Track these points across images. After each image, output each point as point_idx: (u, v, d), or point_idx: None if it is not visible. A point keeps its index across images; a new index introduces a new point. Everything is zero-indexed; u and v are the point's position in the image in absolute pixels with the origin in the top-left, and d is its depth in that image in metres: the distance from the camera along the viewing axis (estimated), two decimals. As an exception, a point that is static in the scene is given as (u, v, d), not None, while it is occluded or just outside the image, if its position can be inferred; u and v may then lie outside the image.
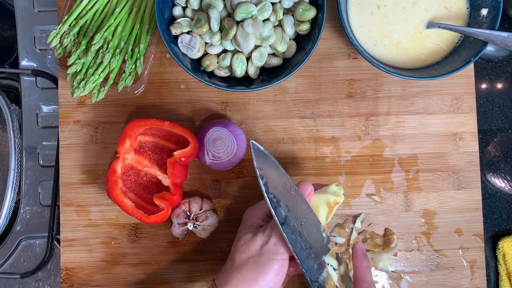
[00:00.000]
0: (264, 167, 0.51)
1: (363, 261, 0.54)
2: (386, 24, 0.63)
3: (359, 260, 0.54)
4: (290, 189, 0.52)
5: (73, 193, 0.65)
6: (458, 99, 0.67)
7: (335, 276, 0.51)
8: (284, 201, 0.51)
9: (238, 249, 0.52)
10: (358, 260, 0.54)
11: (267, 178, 0.50)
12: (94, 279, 0.64)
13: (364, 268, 0.53)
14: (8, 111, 0.70)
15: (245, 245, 0.52)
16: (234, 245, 0.54)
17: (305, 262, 0.50)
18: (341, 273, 0.52)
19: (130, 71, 0.62)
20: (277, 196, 0.50)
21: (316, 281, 0.51)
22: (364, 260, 0.54)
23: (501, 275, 0.68)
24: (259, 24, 0.58)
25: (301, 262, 0.50)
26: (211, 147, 0.61)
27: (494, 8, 0.60)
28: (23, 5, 0.76)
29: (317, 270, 0.51)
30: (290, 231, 0.50)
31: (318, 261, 0.51)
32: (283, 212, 0.50)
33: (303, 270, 0.50)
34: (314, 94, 0.66)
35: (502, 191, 0.71)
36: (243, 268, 0.51)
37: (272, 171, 0.51)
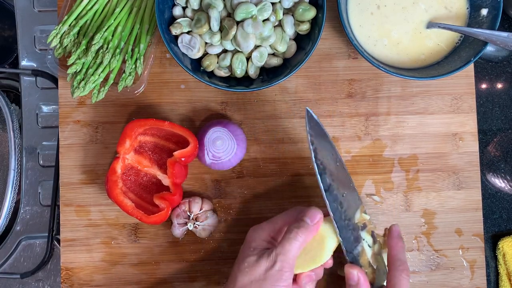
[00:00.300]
0: (315, 134, 0.52)
1: (399, 241, 0.54)
2: (386, 24, 0.63)
3: (394, 240, 0.54)
4: (336, 160, 0.53)
5: (73, 193, 0.65)
6: (458, 99, 0.67)
7: (370, 252, 0.53)
8: (329, 170, 0.52)
9: (241, 271, 0.52)
10: (394, 240, 0.54)
11: (317, 145, 0.52)
12: (94, 279, 0.64)
13: (399, 248, 0.54)
14: (8, 111, 0.70)
15: (249, 268, 0.51)
16: (237, 266, 0.53)
17: (343, 232, 0.52)
18: (375, 251, 0.53)
19: (130, 71, 0.62)
20: (324, 163, 0.52)
21: (351, 252, 0.52)
22: (399, 241, 0.54)
23: (501, 275, 0.68)
24: (259, 24, 0.58)
25: (339, 231, 0.51)
26: (211, 147, 0.61)
27: (494, 8, 0.60)
28: (23, 5, 0.76)
29: (353, 242, 0.52)
30: (332, 199, 0.52)
31: (355, 234, 0.52)
32: (327, 180, 0.52)
33: (340, 239, 0.52)
34: (314, 94, 0.66)
35: (502, 191, 0.71)
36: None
37: (322, 139, 0.53)
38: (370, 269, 0.53)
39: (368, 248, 0.53)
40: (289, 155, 0.66)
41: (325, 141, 0.53)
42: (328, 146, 0.53)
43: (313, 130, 0.52)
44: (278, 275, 0.50)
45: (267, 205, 0.65)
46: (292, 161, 0.66)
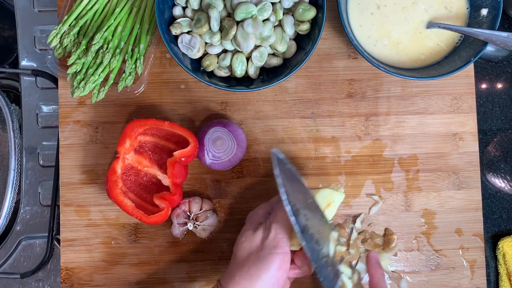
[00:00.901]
0: (284, 176, 0.51)
1: (378, 269, 0.54)
2: (386, 24, 0.63)
3: (374, 268, 0.54)
4: (307, 197, 0.53)
5: (73, 193, 0.65)
6: (458, 99, 0.67)
7: (350, 285, 0.52)
8: (303, 209, 0.51)
9: (240, 246, 0.53)
10: (373, 268, 0.54)
11: (287, 187, 0.50)
12: (94, 279, 0.64)
13: (379, 275, 0.53)
14: (8, 111, 0.70)
15: (246, 241, 0.53)
16: (236, 242, 0.54)
17: (322, 271, 0.50)
18: (355, 282, 0.52)
19: (130, 71, 0.62)
20: (297, 205, 0.50)
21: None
22: (378, 268, 0.54)
23: (501, 275, 0.68)
24: (259, 24, 0.58)
25: (318, 271, 0.50)
26: (211, 147, 0.61)
27: (494, 8, 0.60)
28: (23, 5, 0.76)
29: (333, 279, 0.51)
30: (308, 239, 0.50)
31: (334, 269, 0.51)
32: (302, 221, 0.50)
33: (321, 278, 0.50)
34: (314, 94, 0.66)
35: (502, 191, 0.71)
36: (245, 264, 0.51)
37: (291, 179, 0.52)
38: None
39: (348, 280, 0.52)
40: (289, 155, 0.66)
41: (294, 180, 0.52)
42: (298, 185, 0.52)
43: (281, 172, 0.51)
44: (274, 242, 0.51)
45: (267, 205, 0.65)
46: (292, 161, 0.66)
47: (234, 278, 0.51)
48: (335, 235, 0.52)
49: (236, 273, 0.51)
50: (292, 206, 0.50)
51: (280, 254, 0.50)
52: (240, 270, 0.51)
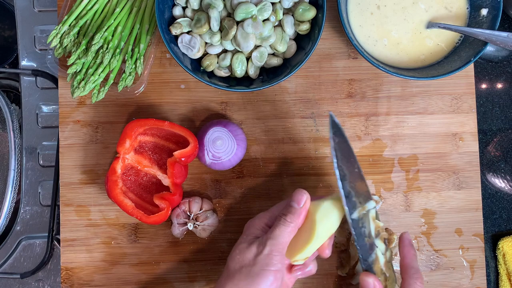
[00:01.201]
0: (337, 139, 0.52)
1: (410, 249, 0.54)
2: (386, 24, 0.63)
3: (406, 249, 0.55)
4: (355, 166, 0.53)
5: (73, 193, 0.65)
6: (458, 99, 0.67)
7: (382, 259, 0.53)
8: (349, 176, 0.52)
9: (233, 258, 0.52)
10: (406, 248, 0.55)
11: (339, 150, 0.52)
12: (94, 279, 0.64)
13: (411, 255, 0.54)
14: (8, 111, 0.70)
15: (240, 254, 0.52)
16: (230, 255, 0.54)
17: (359, 240, 0.52)
18: (387, 259, 0.53)
19: (130, 71, 0.62)
20: (344, 170, 0.52)
21: (366, 260, 0.52)
22: (411, 248, 0.55)
23: (501, 275, 0.68)
24: (259, 24, 0.58)
25: (357, 239, 0.52)
26: (211, 147, 0.61)
27: (494, 8, 0.60)
28: (23, 5, 0.76)
29: (368, 250, 0.52)
30: (351, 205, 0.52)
31: (370, 241, 0.52)
32: (347, 186, 0.52)
33: (357, 247, 0.52)
34: (314, 94, 0.66)
35: (502, 191, 0.71)
36: (235, 277, 0.51)
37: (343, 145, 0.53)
38: (383, 276, 0.53)
39: (381, 255, 0.53)
40: (289, 155, 0.66)
41: (346, 148, 0.53)
42: (349, 152, 0.53)
43: (335, 135, 0.53)
44: (267, 259, 0.50)
45: (267, 205, 0.65)
46: (292, 161, 0.66)
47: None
48: (373, 212, 0.53)
49: (226, 285, 0.51)
50: (340, 170, 0.52)
51: (272, 271, 0.50)
52: (230, 282, 0.51)
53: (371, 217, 0.53)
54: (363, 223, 0.52)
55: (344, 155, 0.52)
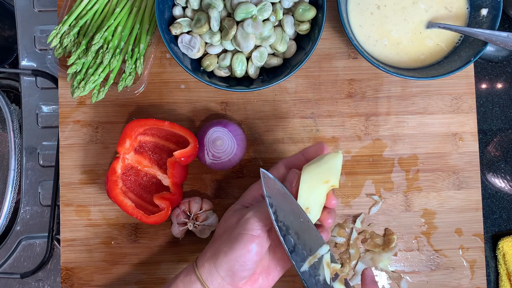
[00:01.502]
0: (273, 195, 0.50)
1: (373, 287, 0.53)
2: (386, 24, 0.63)
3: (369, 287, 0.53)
4: (300, 216, 0.51)
5: (73, 193, 0.65)
6: (458, 99, 0.67)
7: None
8: (293, 228, 0.50)
9: (219, 225, 0.54)
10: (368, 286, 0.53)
11: (277, 206, 0.50)
12: (94, 279, 0.64)
13: None
14: (8, 111, 0.70)
15: (225, 221, 0.53)
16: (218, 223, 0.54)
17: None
18: None
19: (130, 71, 0.62)
20: (286, 223, 0.50)
21: None
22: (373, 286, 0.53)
23: (501, 275, 0.68)
24: (259, 24, 0.58)
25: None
26: (211, 147, 0.61)
27: (494, 8, 0.60)
28: (23, 5, 0.76)
29: None
30: (299, 258, 0.49)
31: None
32: (292, 240, 0.50)
33: None
34: (314, 94, 0.66)
35: (502, 191, 0.71)
36: (217, 241, 0.51)
37: (282, 198, 0.50)
38: None
39: None
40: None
41: (285, 199, 0.50)
42: (289, 203, 0.50)
43: (270, 191, 0.50)
44: (248, 223, 0.49)
45: (267, 205, 0.65)
46: (292, 161, 0.66)
47: (205, 255, 0.51)
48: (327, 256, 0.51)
49: (208, 250, 0.51)
50: (280, 227, 0.49)
51: (250, 235, 0.48)
52: (212, 246, 0.51)
53: (325, 263, 0.50)
54: (317, 271, 0.50)
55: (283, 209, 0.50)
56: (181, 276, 0.52)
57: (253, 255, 0.48)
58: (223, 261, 0.49)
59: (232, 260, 0.48)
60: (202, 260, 0.51)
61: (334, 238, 0.65)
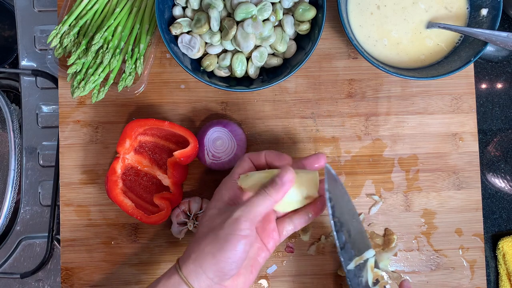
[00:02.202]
0: (333, 191, 0.51)
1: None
2: (386, 24, 0.63)
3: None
4: (354, 216, 0.52)
5: (73, 193, 0.65)
6: (458, 99, 0.67)
7: None
8: (346, 226, 0.51)
9: (201, 224, 0.51)
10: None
11: (335, 202, 0.51)
12: (94, 279, 0.64)
13: None
14: (8, 111, 0.70)
15: (208, 221, 0.50)
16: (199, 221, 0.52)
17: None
18: None
19: (130, 71, 0.62)
20: (341, 220, 0.51)
21: None
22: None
23: (501, 275, 0.68)
24: (259, 24, 0.58)
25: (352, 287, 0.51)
26: (211, 147, 0.61)
27: (494, 8, 0.60)
28: (23, 5, 0.76)
29: None
30: (347, 256, 0.51)
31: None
32: (343, 237, 0.51)
33: None
34: (314, 94, 0.66)
35: (502, 191, 0.71)
36: (202, 241, 0.49)
37: (340, 196, 0.52)
38: None
39: None
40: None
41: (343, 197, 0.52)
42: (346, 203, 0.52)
43: (331, 186, 0.51)
44: (236, 223, 0.47)
45: (267, 205, 0.65)
46: (292, 161, 0.66)
47: (189, 256, 0.49)
48: (372, 260, 0.53)
49: (192, 251, 0.49)
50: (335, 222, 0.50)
51: (239, 236, 0.47)
52: (196, 247, 0.49)
53: (369, 266, 0.52)
54: (361, 272, 0.52)
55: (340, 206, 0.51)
56: (163, 279, 0.50)
57: (242, 255, 0.48)
58: (211, 263, 0.47)
59: (221, 262, 0.47)
60: (186, 262, 0.49)
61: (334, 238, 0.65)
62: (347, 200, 0.52)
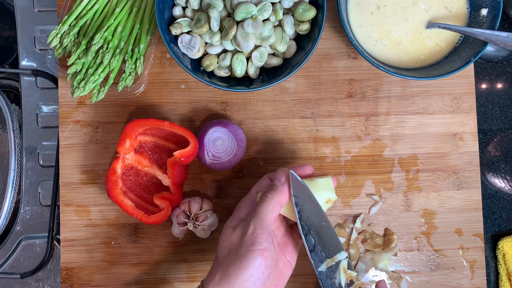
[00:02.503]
0: (299, 196, 0.52)
1: None
2: (386, 24, 0.63)
3: None
4: (322, 220, 0.53)
5: (73, 193, 0.65)
6: (458, 99, 0.67)
7: None
8: (314, 229, 0.52)
9: (220, 245, 0.52)
10: None
11: (301, 206, 0.51)
12: (94, 279, 0.64)
13: None
14: (8, 111, 0.70)
15: (226, 240, 0.51)
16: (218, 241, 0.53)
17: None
18: None
19: (130, 71, 0.62)
20: (309, 223, 0.51)
21: None
22: None
23: (501, 275, 0.68)
24: (259, 24, 0.58)
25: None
26: (211, 147, 0.61)
27: (494, 8, 0.60)
28: (23, 5, 0.76)
29: None
30: (318, 259, 0.51)
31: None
32: (313, 240, 0.51)
33: None
34: (314, 94, 0.66)
35: (502, 191, 0.71)
36: (224, 263, 0.50)
37: (306, 200, 0.52)
38: None
39: None
40: (289, 155, 0.66)
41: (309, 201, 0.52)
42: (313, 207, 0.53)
43: (297, 191, 0.52)
44: (252, 238, 0.49)
45: (267, 205, 0.65)
46: (292, 161, 0.66)
47: (214, 278, 0.49)
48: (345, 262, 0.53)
49: (216, 273, 0.50)
50: (303, 226, 0.51)
51: (258, 251, 0.48)
52: (219, 269, 0.49)
53: (341, 268, 0.52)
54: (333, 274, 0.52)
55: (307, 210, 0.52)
56: None
57: (264, 270, 0.49)
58: (236, 284, 0.48)
59: (245, 281, 0.48)
60: (212, 285, 0.49)
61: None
62: (315, 205, 0.52)
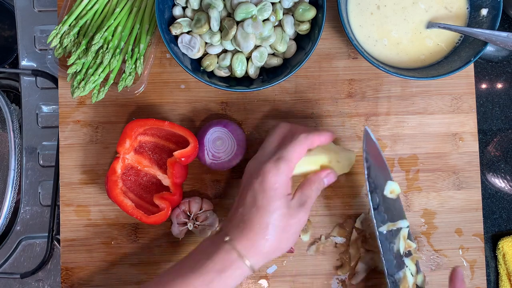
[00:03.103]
0: (370, 154, 0.53)
1: (462, 285, 0.54)
2: (386, 24, 0.63)
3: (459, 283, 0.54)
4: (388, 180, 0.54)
5: (73, 193, 0.65)
6: (458, 99, 0.67)
7: (411, 280, 0.53)
8: (380, 190, 0.53)
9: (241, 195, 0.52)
10: (459, 283, 0.54)
11: (371, 164, 0.53)
12: (94, 279, 0.64)
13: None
14: (8, 111, 0.70)
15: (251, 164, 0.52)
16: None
17: (387, 254, 0.52)
18: (418, 283, 0.53)
19: (130, 71, 0.62)
20: (376, 182, 0.53)
21: (392, 276, 0.52)
22: (463, 284, 0.54)
23: (501, 275, 0.68)
24: (259, 24, 0.58)
25: (383, 253, 0.52)
26: (211, 147, 0.61)
27: (494, 8, 0.60)
28: (23, 5, 0.76)
29: (395, 266, 0.52)
30: (380, 219, 0.52)
31: (398, 259, 0.53)
32: (377, 199, 0.52)
33: (383, 260, 0.52)
34: (314, 94, 0.66)
35: (502, 191, 0.71)
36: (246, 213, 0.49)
37: (377, 161, 0.53)
38: None
39: (410, 276, 0.53)
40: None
41: (379, 164, 0.54)
42: (382, 170, 0.54)
43: (369, 148, 0.53)
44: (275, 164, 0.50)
45: (267, 205, 0.65)
46: (292, 161, 0.66)
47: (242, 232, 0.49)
48: (405, 231, 0.53)
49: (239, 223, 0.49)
50: (370, 183, 0.52)
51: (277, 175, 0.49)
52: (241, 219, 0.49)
53: (401, 236, 0.53)
54: (393, 239, 0.52)
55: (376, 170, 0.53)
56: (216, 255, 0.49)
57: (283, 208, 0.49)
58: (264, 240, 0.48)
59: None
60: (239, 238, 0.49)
61: (334, 238, 0.65)
62: (384, 167, 0.54)
